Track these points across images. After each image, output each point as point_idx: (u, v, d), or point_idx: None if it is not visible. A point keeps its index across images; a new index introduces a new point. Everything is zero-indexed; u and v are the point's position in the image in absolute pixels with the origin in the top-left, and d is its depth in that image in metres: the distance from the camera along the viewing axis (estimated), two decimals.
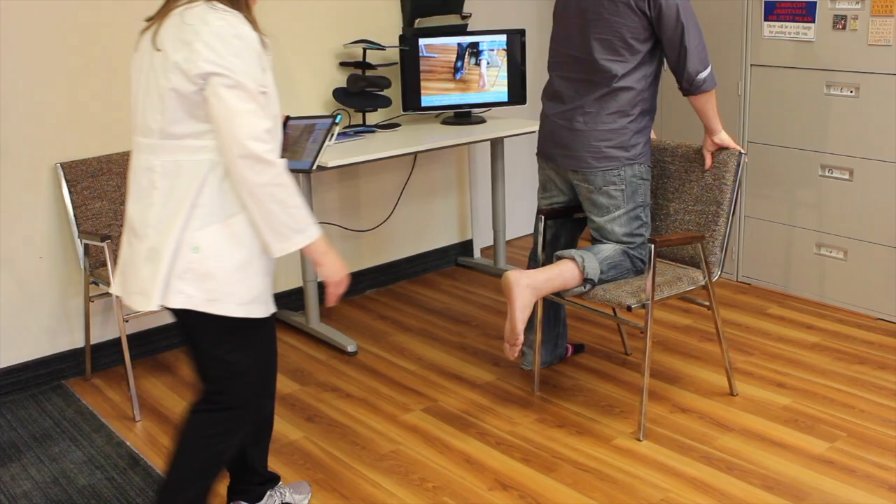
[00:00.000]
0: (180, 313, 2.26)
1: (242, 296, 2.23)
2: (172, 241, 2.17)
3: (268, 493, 2.69)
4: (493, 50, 4.41)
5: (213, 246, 2.19)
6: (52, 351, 3.72)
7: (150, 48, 2.19)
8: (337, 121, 2.63)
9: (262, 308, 2.30)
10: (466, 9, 4.62)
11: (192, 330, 2.31)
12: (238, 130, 2.09)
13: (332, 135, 2.63)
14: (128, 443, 3.24)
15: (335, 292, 2.36)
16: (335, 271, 2.33)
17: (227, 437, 2.37)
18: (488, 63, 4.42)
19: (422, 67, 4.36)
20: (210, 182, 2.17)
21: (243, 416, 2.38)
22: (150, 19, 2.24)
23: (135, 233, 2.26)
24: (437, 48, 4.36)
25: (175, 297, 2.19)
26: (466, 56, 4.39)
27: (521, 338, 3.04)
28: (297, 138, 2.66)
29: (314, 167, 2.63)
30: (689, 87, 3.14)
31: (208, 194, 2.17)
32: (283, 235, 2.21)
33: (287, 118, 2.67)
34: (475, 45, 4.39)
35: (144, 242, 2.23)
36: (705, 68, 3.10)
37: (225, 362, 2.31)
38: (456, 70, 4.39)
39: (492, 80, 4.45)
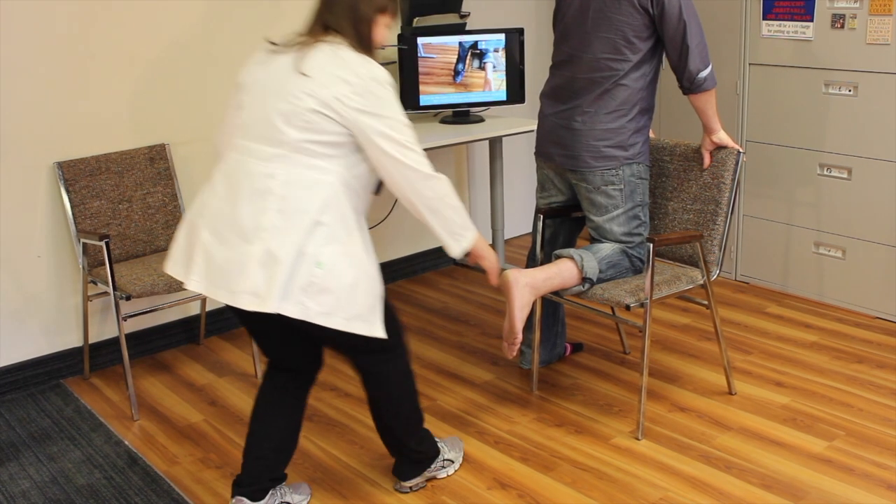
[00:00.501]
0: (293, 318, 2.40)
1: (348, 312, 2.42)
2: (293, 250, 2.33)
3: (270, 491, 2.70)
4: (497, 51, 4.41)
5: (334, 263, 2.37)
6: (50, 350, 3.72)
7: (289, 69, 2.39)
8: None
9: (364, 326, 2.47)
10: (465, 8, 4.62)
11: (311, 328, 2.44)
12: (408, 162, 2.42)
13: None
14: (126, 442, 3.24)
15: (495, 278, 2.75)
16: (493, 262, 2.70)
17: (406, 374, 2.74)
18: (494, 67, 4.42)
19: (420, 67, 4.35)
20: (334, 203, 2.38)
21: (399, 354, 2.70)
22: (275, 43, 2.48)
23: (243, 234, 2.37)
24: (436, 48, 4.36)
25: (293, 307, 2.34)
26: (468, 58, 4.39)
27: (520, 337, 3.04)
28: None
29: None
30: (690, 86, 3.14)
31: (333, 215, 2.38)
32: (459, 235, 2.55)
33: None
34: (475, 45, 4.39)
35: (256, 245, 2.35)
36: (706, 67, 3.10)
37: (362, 338, 2.53)
38: (456, 73, 4.39)
39: (497, 83, 4.45)
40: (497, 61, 4.42)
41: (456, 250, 2.56)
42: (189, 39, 3.85)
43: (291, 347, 2.66)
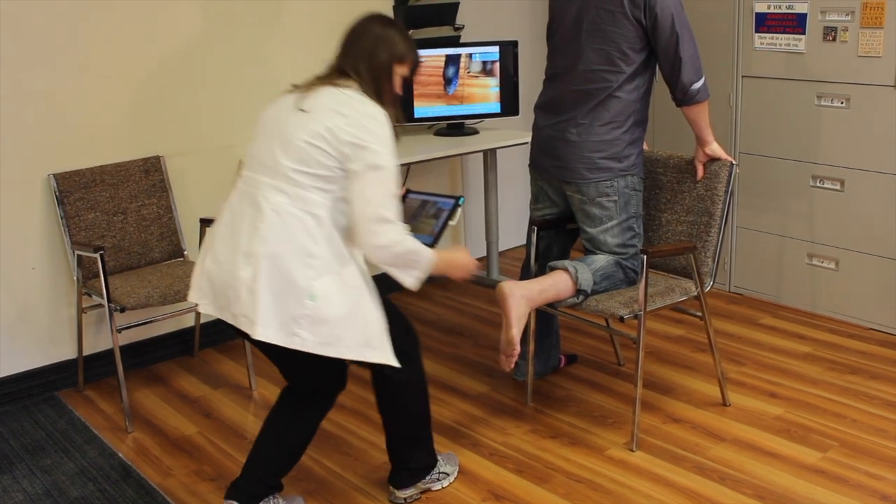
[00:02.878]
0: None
1: (351, 340, 2.46)
2: (282, 282, 2.38)
3: (264, 499, 2.69)
4: (494, 62, 4.42)
5: (327, 294, 2.41)
6: (44, 362, 3.71)
7: (292, 107, 2.47)
8: (460, 203, 2.75)
9: (377, 354, 2.51)
10: (459, 20, 4.63)
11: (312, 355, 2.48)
12: (373, 199, 2.40)
13: (455, 216, 2.74)
14: (120, 454, 3.23)
15: (469, 277, 2.75)
16: (461, 269, 2.71)
17: (419, 386, 2.78)
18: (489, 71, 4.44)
19: (415, 79, 4.36)
20: (327, 235, 2.42)
21: (414, 365, 2.74)
22: (297, 86, 2.55)
23: (237, 260, 2.44)
24: (429, 60, 4.37)
25: (291, 339, 2.41)
26: (462, 66, 4.39)
27: (518, 348, 3.04)
28: (415, 211, 2.78)
29: (435, 245, 2.70)
30: (683, 98, 3.15)
31: (325, 247, 2.42)
32: (408, 272, 2.52)
33: (407, 191, 2.83)
34: (470, 56, 4.40)
35: (246, 271, 2.42)
36: (699, 79, 3.12)
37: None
38: (447, 82, 4.40)
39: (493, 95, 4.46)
40: (491, 70, 4.44)
41: (411, 283, 2.56)
42: (184, 52, 3.86)
43: (311, 368, 2.64)
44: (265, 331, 2.40)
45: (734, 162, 3.25)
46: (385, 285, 2.70)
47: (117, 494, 2.97)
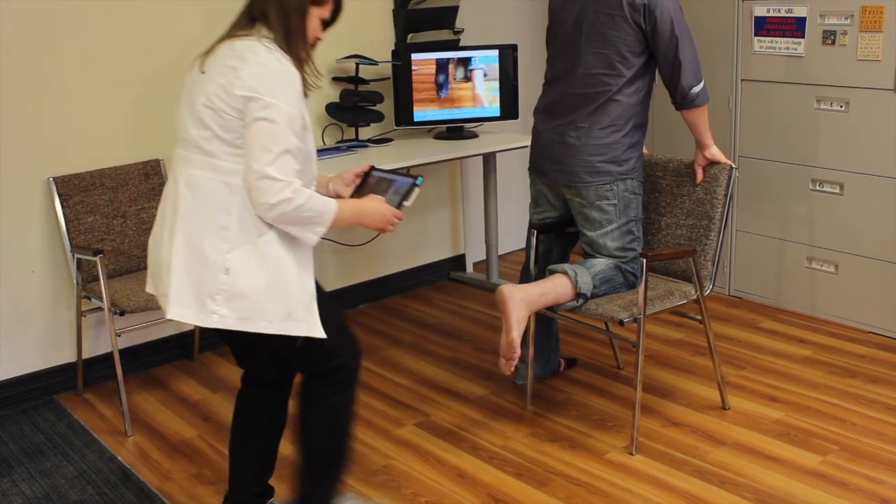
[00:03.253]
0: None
1: (273, 314, 2.30)
2: (197, 258, 2.27)
3: None
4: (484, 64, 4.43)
5: (243, 267, 2.27)
6: (43, 365, 3.71)
7: (198, 71, 2.32)
8: (418, 183, 2.60)
9: (300, 326, 2.35)
10: (459, 24, 4.64)
11: (250, 336, 2.37)
12: (259, 155, 2.20)
13: (412, 196, 2.59)
14: (119, 458, 3.23)
15: (388, 230, 2.54)
16: (376, 222, 2.49)
17: (341, 415, 2.53)
18: (486, 74, 4.43)
19: (414, 83, 4.37)
20: (238, 204, 2.26)
21: (345, 389, 2.51)
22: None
23: (162, 239, 2.35)
24: (426, 63, 4.37)
25: (209, 317, 2.29)
26: (451, 69, 4.39)
27: (519, 352, 3.04)
28: (373, 190, 2.64)
29: None
30: (683, 102, 3.15)
31: (238, 216, 2.26)
32: (308, 228, 2.32)
33: (371, 168, 2.70)
34: (465, 60, 4.41)
35: (166, 249, 2.32)
36: (699, 83, 3.12)
37: (302, 348, 2.41)
38: (439, 87, 4.40)
39: (489, 97, 4.45)
40: (488, 68, 4.43)
41: (312, 240, 2.35)
42: (184, 55, 3.86)
43: (253, 357, 2.59)
44: (181, 310, 2.30)
45: (734, 165, 3.26)
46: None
47: (117, 498, 2.97)
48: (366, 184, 2.66)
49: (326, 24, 2.44)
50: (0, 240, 3.52)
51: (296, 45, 2.31)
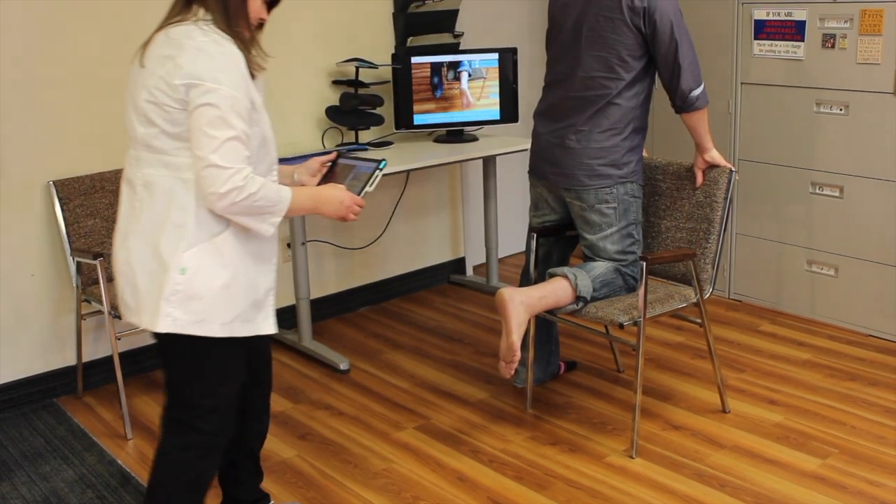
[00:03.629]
0: (160, 334, 2.22)
1: (225, 315, 2.22)
2: (154, 260, 2.17)
3: None
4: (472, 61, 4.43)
5: (200, 266, 2.17)
6: (43, 369, 3.71)
7: (137, 66, 2.21)
8: (381, 167, 2.47)
9: (246, 326, 2.27)
10: (458, 27, 4.64)
11: (166, 350, 2.28)
12: (203, 143, 2.08)
13: (374, 180, 2.46)
14: (119, 461, 3.23)
15: (350, 219, 2.41)
16: (335, 211, 2.36)
17: (202, 459, 2.34)
18: (470, 75, 4.43)
19: (414, 86, 4.38)
20: (194, 201, 2.16)
21: (212, 440, 2.33)
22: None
23: (117, 243, 2.27)
24: (426, 67, 4.37)
25: (163, 321, 2.17)
26: (444, 71, 4.40)
27: (519, 355, 3.04)
28: (337, 177, 2.54)
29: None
30: (682, 105, 3.16)
31: (192, 214, 2.16)
32: (262, 218, 2.21)
33: (338, 155, 2.61)
34: (455, 63, 4.41)
35: (121, 254, 2.24)
36: (698, 86, 3.12)
37: (192, 384, 2.28)
38: (434, 88, 4.40)
39: (476, 92, 4.45)
40: (474, 71, 4.43)
41: (267, 230, 2.25)
42: None
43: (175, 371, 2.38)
44: (136, 316, 2.21)
45: (733, 169, 3.26)
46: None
47: (116, 501, 2.97)
48: (332, 172, 2.56)
49: (271, 4, 2.30)
50: (0, 243, 3.52)
51: (237, 26, 2.17)
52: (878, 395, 3.51)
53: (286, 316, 4.36)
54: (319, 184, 2.51)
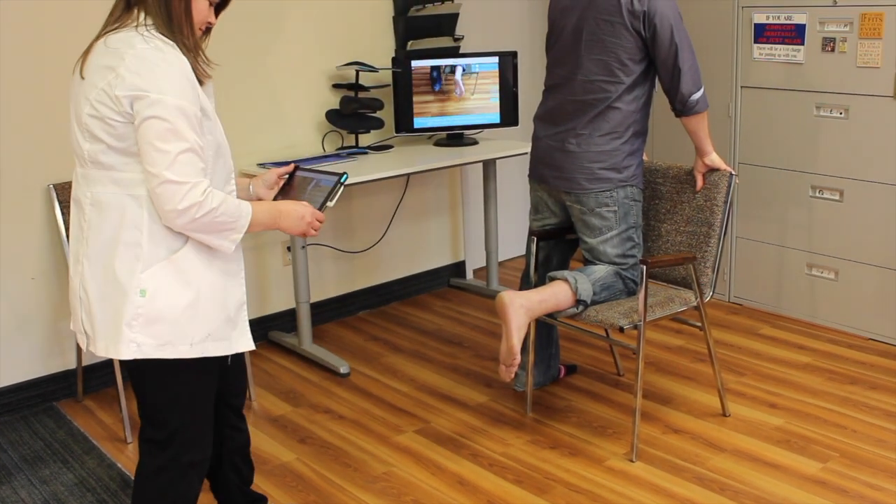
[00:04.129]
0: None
1: (194, 335, 2.12)
2: (108, 284, 2.08)
3: None
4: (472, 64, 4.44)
5: (160, 286, 2.07)
6: (43, 372, 3.71)
7: (78, 77, 2.09)
8: (342, 181, 2.37)
9: (220, 345, 2.18)
10: (459, 31, 4.65)
11: (133, 374, 2.20)
12: (154, 158, 1.97)
13: (336, 195, 2.36)
14: (119, 465, 3.22)
15: (310, 234, 2.30)
16: (294, 226, 2.26)
17: (181, 480, 2.28)
18: (464, 70, 4.43)
19: (414, 90, 4.38)
20: (147, 217, 2.06)
21: (189, 460, 2.27)
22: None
23: (74, 269, 2.17)
24: (426, 71, 4.38)
25: (126, 347, 2.07)
26: (442, 68, 4.40)
27: (519, 358, 3.04)
28: (298, 191, 2.43)
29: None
30: (682, 109, 3.16)
31: (146, 231, 2.06)
32: (222, 235, 2.12)
33: (296, 167, 2.50)
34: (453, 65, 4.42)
35: (76, 280, 2.14)
36: (698, 90, 3.12)
37: (165, 407, 2.22)
38: (433, 81, 4.40)
39: (470, 88, 4.44)
40: (467, 66, 4.43)
41: (227, 247, 2.15)
42: None
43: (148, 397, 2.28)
44: (98, 344, 2.11)
45: (734, 172, 3.26)
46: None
47: None
48: (290, 185, 2.46)
49: (218, 7, 2.19)
50: (0, 246, 3.52)
51: (180, 31, 2.06)
52: (879, 398, 3.51)
53: (286, 319, 4.36)
54: (276, 196, 2.42)
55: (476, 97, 4.46)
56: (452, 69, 4.41)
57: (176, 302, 2.08)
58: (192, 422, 2.24)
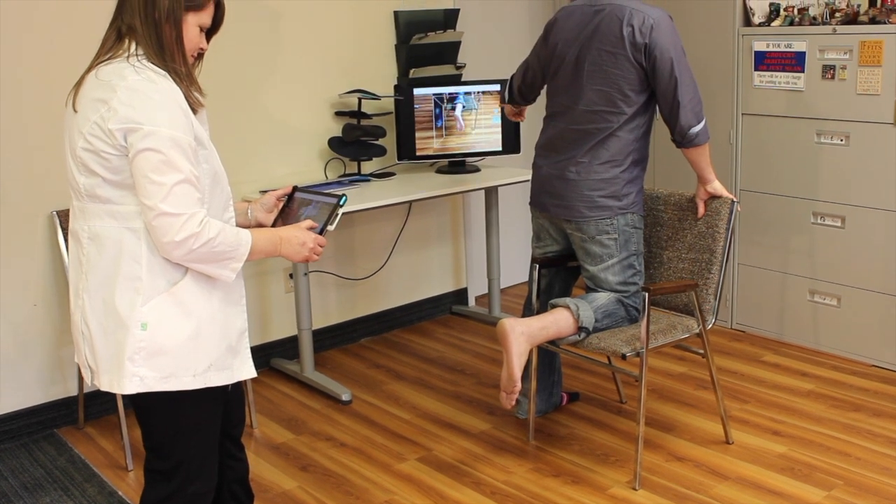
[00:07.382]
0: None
1: (197, 366, 2.11)
2: (109, 318, 2.07)
3: None
4: (469, 94, 4.45)
5: (161, 319, 2.06)
6: (44, 399, 3.70)
7: (71, 110, 2.09)
8: (341, 203, 2.33)
9: (223, 375, 2.18)
10: (461, 59, 4.67)
11: (137, 407, 2.20)
12: (149, 191, 1.96)
13: (335, 219, 2.32)
14: (120, 492, 3.21)
15: (312, 260, 2.28)
16: (296, 253, 2.23)
17: None
18: (464, 107, 4.45)
19: (416, 117, 4.40)
20: (146, 250, 2.05)
21: (193, 491, 2.25)
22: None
23: (75, 304, 2.15)
24: (429, 99, 4.40)
25: (129, 382, 2.07)
26: (444, 102, 4.43)
27: (519, 386, 3.03)
28: (297, 214, 2.40)
29: None
30: (682, 140, 3.17)
31: (145, 264, 2.04)
32: (222, 265, 2.10)
33: (294, 189, 2.48)
34: (453, 95, 4.44)
35: (77, 314, 2.14)
36: (699, 122, 3.13)
37: (168, 438, 2.21)
38: (436, 118, 4.43)
39: (471, 123, 4.47)
40: (467, 102, 4.45)
41: (228, 276, 2.13)
42: None
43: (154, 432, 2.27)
44: (101, 378, 2.10)
45: (735, 199, 3.27)
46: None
47: None
48: (289, 208, 2.43)
49: (210, 32, 2.16)
50: (2, 273, 3.53)
51: (172, 59, 2.04)
52: (883, 425, 3.49)
53: (288, 346, 4.36)
54: (275, 220, 2.41)
55: (476, 132, 4.48)
56: (453, 106, 4.44)
57: (177, 334, 2.07)
58: (198, 452, 2.23)
